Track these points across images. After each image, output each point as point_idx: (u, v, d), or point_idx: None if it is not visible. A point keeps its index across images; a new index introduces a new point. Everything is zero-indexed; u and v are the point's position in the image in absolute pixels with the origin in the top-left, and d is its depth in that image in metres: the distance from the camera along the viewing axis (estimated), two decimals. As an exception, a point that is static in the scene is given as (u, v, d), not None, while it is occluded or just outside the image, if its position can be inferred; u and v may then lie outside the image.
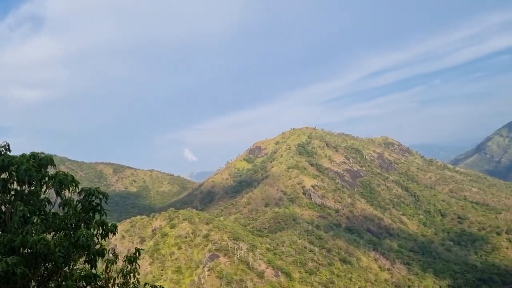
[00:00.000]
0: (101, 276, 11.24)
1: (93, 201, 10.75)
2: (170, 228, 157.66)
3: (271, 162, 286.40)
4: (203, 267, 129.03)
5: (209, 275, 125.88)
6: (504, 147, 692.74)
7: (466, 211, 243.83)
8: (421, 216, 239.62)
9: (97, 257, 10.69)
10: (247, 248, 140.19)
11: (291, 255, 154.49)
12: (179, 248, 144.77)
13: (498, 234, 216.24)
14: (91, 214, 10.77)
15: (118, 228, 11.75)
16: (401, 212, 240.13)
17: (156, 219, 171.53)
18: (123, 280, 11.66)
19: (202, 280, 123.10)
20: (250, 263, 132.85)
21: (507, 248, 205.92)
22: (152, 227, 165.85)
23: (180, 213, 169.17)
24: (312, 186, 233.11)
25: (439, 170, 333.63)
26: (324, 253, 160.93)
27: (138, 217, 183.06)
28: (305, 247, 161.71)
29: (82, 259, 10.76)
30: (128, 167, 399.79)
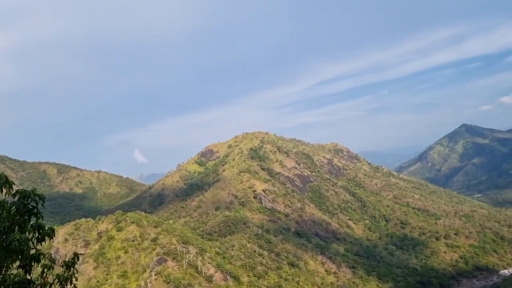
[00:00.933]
0: (36, 282, 10.75)
1: (28, 203, 10.28)
2: (117, 231, 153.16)
3: (223, 165, 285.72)
4: (150, 271, 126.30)
5: (156, 279, 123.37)
6: (444, 156, 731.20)
7: (409, 217, 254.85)
8: (367, 221, 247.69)
9: (32, 262, 10.23)
10: (196, 252, 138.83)
11: (240, 259, 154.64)
12: (126, 252, 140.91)
13: (437, 239, 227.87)
14: (27, 218, 10.30)
15: (61, 231, 11.35)
16: (348, 217, 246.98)
17: (102, 222, 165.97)
18: (59, 287, 11.22)
19: (149, 285, 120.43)
20: (199, 267, 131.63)
21: (445, 252, 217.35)
22: (97, 230, 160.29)
23: (127, 216, 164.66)
24: (263, 190, 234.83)
25: (384, 177, 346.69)
26: (273, 257, 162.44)
27: (83, 219, 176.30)
28: (254, 251, 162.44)
29: (16, 264, 10.27)
30: (74, 168, 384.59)
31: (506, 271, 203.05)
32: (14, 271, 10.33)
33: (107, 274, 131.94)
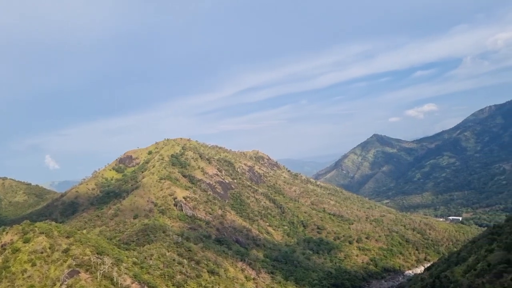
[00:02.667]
0: None
1: None
2: (24, 242, 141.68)
3: (142, 172, 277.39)
4: (61, 285, 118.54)
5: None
6: (357, 164, 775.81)
7: (325, 222, 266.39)
8: (286, 227, 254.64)
9: None
10: (111, 263, 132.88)
11: (159, 268, 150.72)
12: (33, 265, 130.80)
13: (350, 243, 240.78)
14: None
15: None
16: (268, 223, 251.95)
17: (7, 233, 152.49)
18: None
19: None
20: (115, 278, 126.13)
21: (357, 255, 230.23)
22: (1, 242, 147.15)
23: (36, 226, 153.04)
24: (184, 198, 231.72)
25: (303, 184, 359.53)
26: (193, 265, 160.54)
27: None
28: (174, 260, 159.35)
29: None
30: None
31: (410, 271, 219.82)
32: None
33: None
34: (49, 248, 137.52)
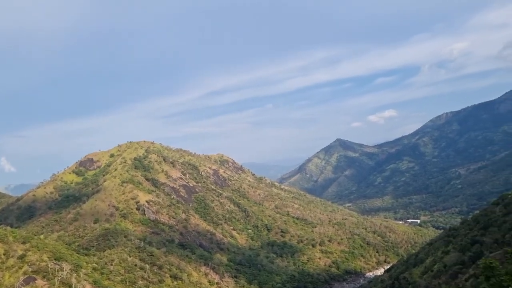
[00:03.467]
0: None
1: None
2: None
3: (104, 175, 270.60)
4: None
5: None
6: (321, 168, 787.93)
7: (288, 226, 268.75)
8: (250, 230, 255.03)
9: None
10: (70, 269, 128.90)
11: (120, 273, 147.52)
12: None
13: (313, 246, 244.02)
14: None
15: None
16: (232, 227, 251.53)
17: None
18: None
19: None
20: (73, 285, 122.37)
21: (319, 258, 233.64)
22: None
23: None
24: (146, 202, 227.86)
25: (267, 187, 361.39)
26: (155, 270, 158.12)
27: None
28: (135, 265, 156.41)
29: None
30: None
31: (371, 273, 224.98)
32: None
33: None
34: (4, 254, 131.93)
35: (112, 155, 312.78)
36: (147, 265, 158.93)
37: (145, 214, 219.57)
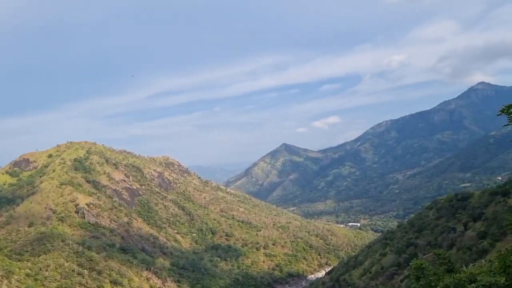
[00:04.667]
0: None
1: None
2: None
3: (40, 177, 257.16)
4: None
5: None
6: (266, 172, 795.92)
7: (233, 229, 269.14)
8: (194, 234, 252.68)
9: None
10: (1, 275, 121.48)
11: (55, 280, 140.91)
12: None
13: (257, 249, 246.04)
14: None
15: None
16: (176, 231, 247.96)
17: None
18: None
19: None
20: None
21: (263, 261, 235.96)
22: None
23: None
24: (86, 204, 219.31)
25: (213, 191, 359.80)
26: (94, 276, 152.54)
27: None
28: (73, 270, 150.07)
29: None
30: None
31: (313, 275, 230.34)
32: None
33: None
34: None
35: (50, 156, 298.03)
36: (85, 270, 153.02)
37: (84, 218, 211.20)
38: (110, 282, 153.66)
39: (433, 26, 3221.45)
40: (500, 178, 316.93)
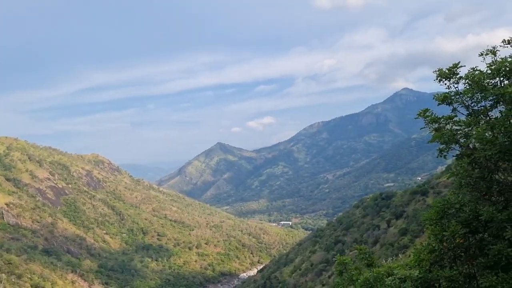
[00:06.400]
0: None
1: None
2: None
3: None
4: None
5: None
6: (200, 171, 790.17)
7: (165, 229, 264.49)
8: (124, 234, 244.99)
9: None
10: None
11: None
12: None
13: (190, 249, 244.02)
14: None
15: None
16: (105, 231, 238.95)
17: None
18: None
19: None
20: None
21: (195, 261, 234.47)
22: None
23: None
24: (6, 204, 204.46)
25: (145, 189, 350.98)
26: (13, 280, 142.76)
27: None
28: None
29: None
30: None
31: (245, 274, 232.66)
32: None
33: None
34: None
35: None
36: (3, 274, 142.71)
37: (3, 218, 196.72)
38: (31, 286, 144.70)
39: (363, 33, 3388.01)
40: (420, 178, 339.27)
